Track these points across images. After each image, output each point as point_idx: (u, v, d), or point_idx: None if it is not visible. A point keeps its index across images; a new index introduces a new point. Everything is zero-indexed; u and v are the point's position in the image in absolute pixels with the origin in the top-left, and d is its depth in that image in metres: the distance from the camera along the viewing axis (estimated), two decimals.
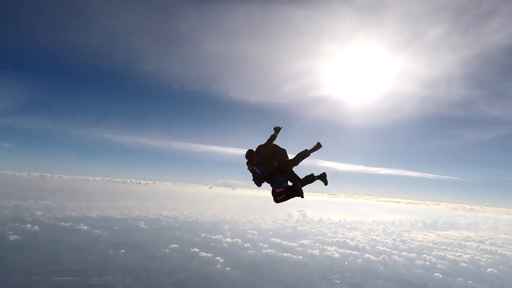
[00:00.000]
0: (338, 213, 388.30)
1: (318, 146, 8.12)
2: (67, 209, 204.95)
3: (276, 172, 8.33)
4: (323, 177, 8.59)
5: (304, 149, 8.41)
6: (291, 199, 8.10)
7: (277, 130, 8.08)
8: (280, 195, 7.96)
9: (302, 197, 8.02)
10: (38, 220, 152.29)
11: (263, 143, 8.29)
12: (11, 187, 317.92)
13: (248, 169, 8.33)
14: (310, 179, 8.56)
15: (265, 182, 8.41)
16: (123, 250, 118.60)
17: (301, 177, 8.64)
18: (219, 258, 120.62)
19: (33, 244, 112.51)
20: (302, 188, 8.04)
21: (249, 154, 8.26)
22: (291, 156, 8.61)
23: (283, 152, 8.61)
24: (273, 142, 8.23)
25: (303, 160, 8.37)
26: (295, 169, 8.41)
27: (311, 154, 8.42)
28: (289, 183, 8.53)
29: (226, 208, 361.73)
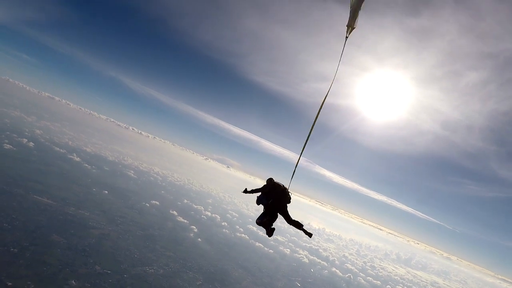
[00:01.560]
0: (319, 221, 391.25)
1: (309, 234, 9.71)
2: (65, 136, 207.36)
3: (271, 206, 9.70)
4: (307, 233, 9.84)
5: (302, 224, 9.80)
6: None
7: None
8: (258, 223, 10.03)
9: (268, 236, 10.03)
10: (35, 138, 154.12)
11: (278, 182, 9.82)
12: (19, 99, 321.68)
13: (259, 189, 9.80)
14: (297, 225, 9.94)
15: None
16: (106, 191, 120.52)
17: (294, 217, 10.12)
18: (194, 227, 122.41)
19: (24, 158, 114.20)
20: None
21: (269, 181, 9.65)
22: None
23: (288, 199, 9.77)
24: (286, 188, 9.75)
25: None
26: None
27: (300, 230, 9.84)
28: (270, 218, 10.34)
29: (215, 183, 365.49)
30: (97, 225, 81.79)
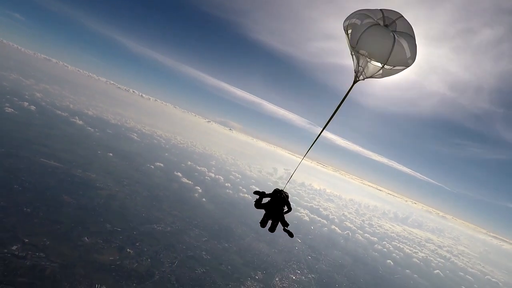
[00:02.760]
0: (320, 182, 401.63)
1: (291, 235, 10.68)
2: (66, 99, 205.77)
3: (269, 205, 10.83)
4: (290, 234, 10.83)
5: (288, 230, 10.69)
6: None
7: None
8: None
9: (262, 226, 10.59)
10: (36, 102, 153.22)
11: (282, 190, 10.98)
12: (15, 61, 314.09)
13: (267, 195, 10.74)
14: (287, 229, 10.86)
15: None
16: (111, 154, 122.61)
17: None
18: (199, 188, 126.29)
19: (27, 122, 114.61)
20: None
21: (276, 190, 10.79)
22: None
23: (286, 204, 10.71)
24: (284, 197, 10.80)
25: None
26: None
27: (284, 229, 10.79)
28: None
29: (218, 146, 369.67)
30: (104, 186, 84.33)
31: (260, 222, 10.66)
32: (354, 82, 7.58)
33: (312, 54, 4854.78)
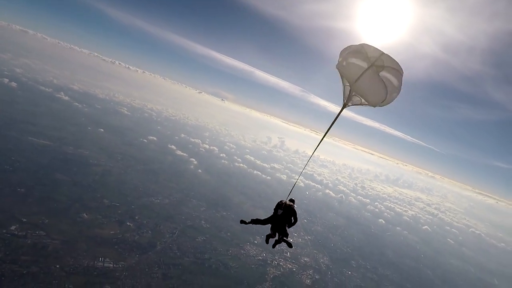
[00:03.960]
0: (314, 149, 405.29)
1: (289, 245, 10.35)
2: (49, 74, 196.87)
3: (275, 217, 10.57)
4: (288, 244, 10.54)
5: (287, 241, 10.39)
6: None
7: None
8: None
9: (266, 242, 10.58)
10: (17, 78, 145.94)
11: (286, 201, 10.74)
12: None
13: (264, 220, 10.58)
14: (286, 239, 10.48)
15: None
16: (102, 129, 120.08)
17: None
18: (194, 160, 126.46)
19: (9, 100, 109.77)
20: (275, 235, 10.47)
21: (279, 204, 10.74)
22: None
23: (290, 213, 10.48)
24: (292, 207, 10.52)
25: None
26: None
27: (289, 244, 10.44)
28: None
29: (211, 117, 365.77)
30: (98, 162, 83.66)
31: (265, 239, 10.71)
32: (343, 107, 7.91)
33: (303, 17, 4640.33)
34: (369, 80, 6.82)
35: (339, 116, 8.13)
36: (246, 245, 67.77)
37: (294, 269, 65.30)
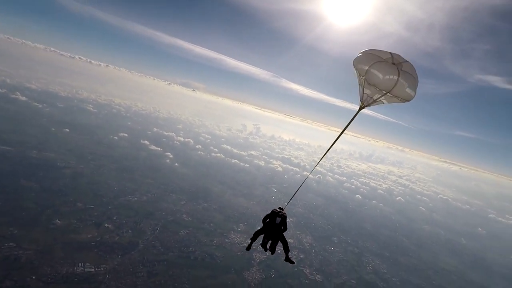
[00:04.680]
0: (289, 133, 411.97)
1: (291, 262, 11.15)
2: (1, 73, 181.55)
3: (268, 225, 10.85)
4: (290, 261, 11.13)
5: (290, 259, 11.05)
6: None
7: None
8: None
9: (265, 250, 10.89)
10: None
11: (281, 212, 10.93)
12: None
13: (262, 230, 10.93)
14: (285, 248, 10.99)
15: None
16: (67, 129, 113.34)
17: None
18: (169, 153, 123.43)
19: None
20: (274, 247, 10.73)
21: (274, 212, 10.91)
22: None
23: (282, 224, 10.73)
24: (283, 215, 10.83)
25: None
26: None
27: (286, 257, 11.05)
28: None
29: (183, 108, 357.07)
30: (67, 165, 79.26)
31: (261, 244, 10.97)
32: (360, 108, 8.64)
33: (270, 1, 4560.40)
34: (383, 65, 7.58)
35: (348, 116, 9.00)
36: (230, 234, 68.07)
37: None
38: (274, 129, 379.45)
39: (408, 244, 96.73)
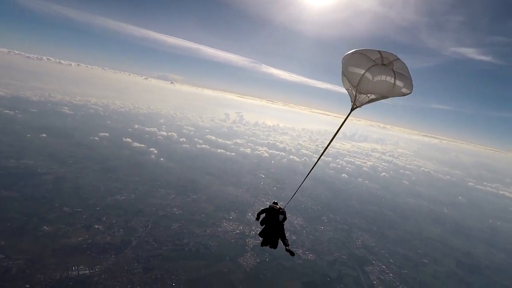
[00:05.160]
0: (273, 119, 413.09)
1: (292, 254, 10.55)
2: None
3: (267, 221, 11.10)
4: (291, 253, 10.68)
5: (288, 245, 10.64)
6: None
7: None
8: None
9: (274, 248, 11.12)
10: None
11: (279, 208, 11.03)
12: None
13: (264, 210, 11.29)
14: (285, 243, 10.76)
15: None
16: (44, 134, 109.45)
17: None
18: (153, 149, 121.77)
19: None
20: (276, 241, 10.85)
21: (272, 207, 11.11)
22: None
23: (281, 217, 10.75)
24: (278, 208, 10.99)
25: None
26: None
27: (286, 249, 10.68)
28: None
29: (163, 102, 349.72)
30: (48, 170, 77.10)
31: (261, 243, 11.21)
32: (352, 109, 8.38)
33: None
34: (377, 70, 7.27)
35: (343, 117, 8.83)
36: (222, 223, 68.98)
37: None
38: (257, 115, 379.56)
39: (394, 218, 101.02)
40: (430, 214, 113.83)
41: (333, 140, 9.50)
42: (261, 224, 11.18)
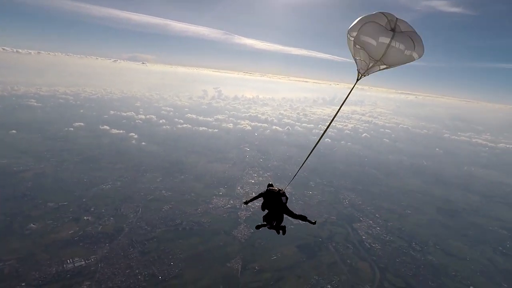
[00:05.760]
0: (252, 91, 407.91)
1: (313, 223, 10.64)
2: None
3: (269, 206, 10.70)
4: (311, 222, 10.70)
5: (306, 217, 10.63)
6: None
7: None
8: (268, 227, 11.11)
9: (283, 233, 11.37)
10: None
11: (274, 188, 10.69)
12: None
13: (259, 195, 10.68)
14: (301, 218, 10.77)
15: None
16: (14, 131, 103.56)
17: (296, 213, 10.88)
18: (133, 134, 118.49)
19: None
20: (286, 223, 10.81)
21: (267, 187, 10.74)
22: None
23: (282, 198, 10.45)
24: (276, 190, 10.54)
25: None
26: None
27: (305, 221, 10.68)
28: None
29: (137, 85, 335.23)
30: (24, 168, 74.02)
31: (257, 227, 11.19)
32: (358, 78, 8.37)
33: None
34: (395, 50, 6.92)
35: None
36: (213, 199, 69.74)
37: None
38: (236, 89, 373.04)
39: (377, 175, 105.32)
40: (411, 168, 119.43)
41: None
42: (263, 209, 10.81)
